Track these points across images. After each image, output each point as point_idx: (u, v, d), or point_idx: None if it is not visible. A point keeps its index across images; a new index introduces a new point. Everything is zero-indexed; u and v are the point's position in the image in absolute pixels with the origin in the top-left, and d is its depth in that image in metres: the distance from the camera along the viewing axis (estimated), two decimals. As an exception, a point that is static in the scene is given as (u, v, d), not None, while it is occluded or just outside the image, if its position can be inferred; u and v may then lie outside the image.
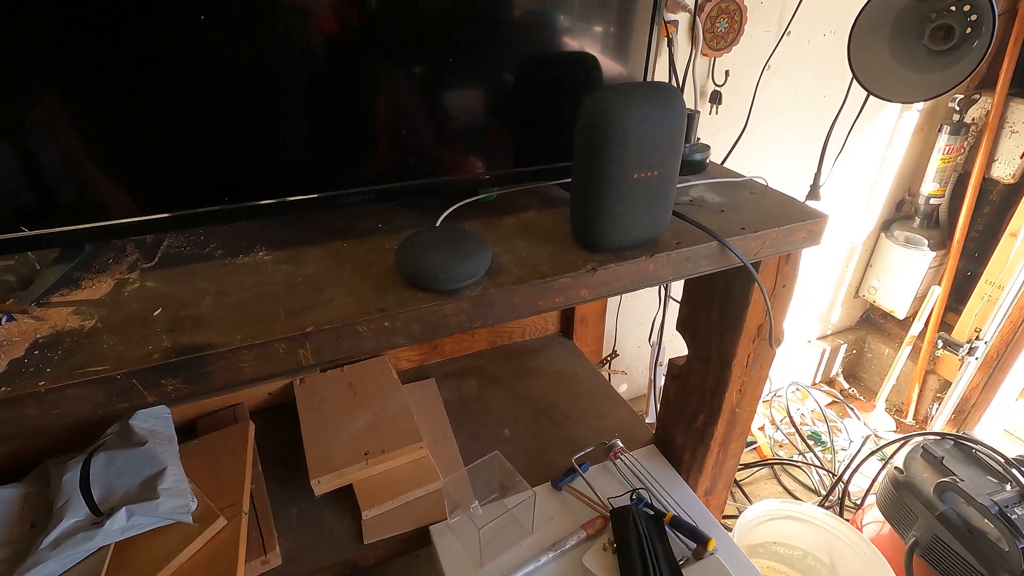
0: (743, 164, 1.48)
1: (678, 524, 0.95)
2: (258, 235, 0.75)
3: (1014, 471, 1.21)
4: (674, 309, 1.11)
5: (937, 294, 1.82)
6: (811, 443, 1.95)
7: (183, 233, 0.75)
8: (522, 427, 1.25)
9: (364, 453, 1.07)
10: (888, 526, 1.39)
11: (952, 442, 1.36)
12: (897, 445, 1.46)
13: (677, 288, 1.28)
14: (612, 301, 1.53)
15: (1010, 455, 1.27)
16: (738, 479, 1.82)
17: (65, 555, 0.83)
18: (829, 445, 1.94)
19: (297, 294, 0.62)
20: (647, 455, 1.15)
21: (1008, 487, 1.21)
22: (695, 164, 0.92)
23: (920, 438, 1.40)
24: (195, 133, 0.63)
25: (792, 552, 1.47)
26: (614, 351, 1.57)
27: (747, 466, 1.86)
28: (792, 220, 0.78)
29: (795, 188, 1.10)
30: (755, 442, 1.96)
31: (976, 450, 1.31)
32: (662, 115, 0.62)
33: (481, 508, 1.02)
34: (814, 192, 1.12)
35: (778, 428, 2.03)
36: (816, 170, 1.12)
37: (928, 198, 1.81)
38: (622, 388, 1.83)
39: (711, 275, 0.82)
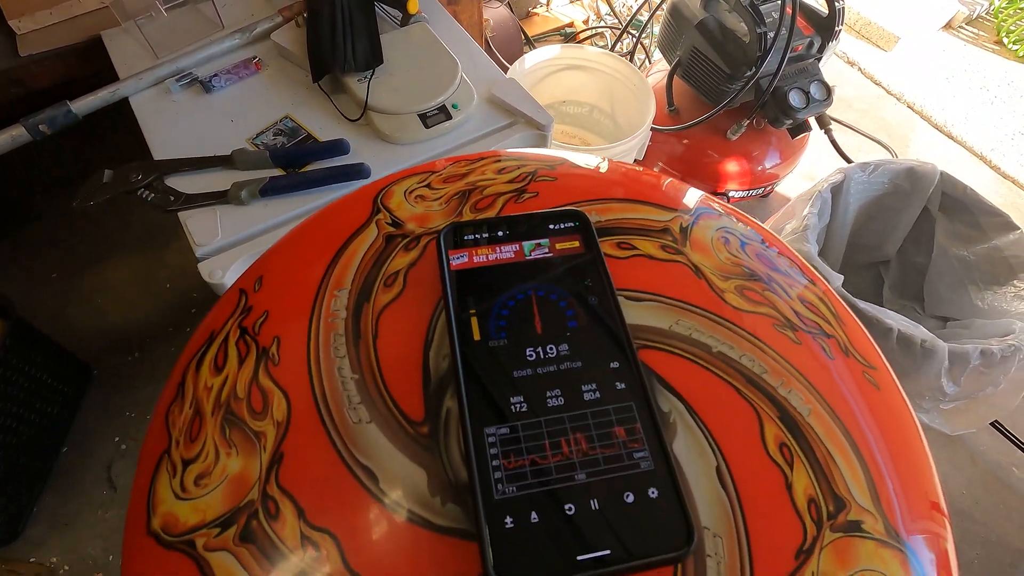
0: None
1: (383, -4, 0.84)
2: None
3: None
4: None
5: None
6: (632, 29, 1.88)
7: None
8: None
9: (-3, -44, 0.84)
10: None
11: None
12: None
13: None
14: None
15: None
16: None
17: None
18: (650, 31, 1.88)
19: None
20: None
21: None
22: None
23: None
24: None
25: (580, 110, 1.49)
26: None
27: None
28: None
29: None
30: (576, 31, 1.86)
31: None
32: None
33: (164, 11, 0.86)
34: None
35: (602, 20, 1.92)
36: None
37: None
38: None
39: None
